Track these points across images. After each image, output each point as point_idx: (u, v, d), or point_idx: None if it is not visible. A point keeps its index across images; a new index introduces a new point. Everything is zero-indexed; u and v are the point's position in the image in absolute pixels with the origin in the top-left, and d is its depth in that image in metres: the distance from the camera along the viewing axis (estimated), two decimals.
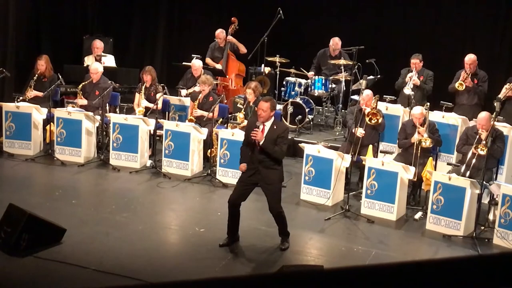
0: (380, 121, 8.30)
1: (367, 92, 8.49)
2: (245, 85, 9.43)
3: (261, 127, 6.45)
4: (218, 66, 11.00)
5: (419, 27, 11.39)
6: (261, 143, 6.38)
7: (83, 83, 9.64)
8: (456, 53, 9.83)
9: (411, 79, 9.39)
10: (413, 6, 11.48)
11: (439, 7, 11.36)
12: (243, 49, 11.13)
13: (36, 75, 9.78)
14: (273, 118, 6.56)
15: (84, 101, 9.59)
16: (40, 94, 9.71)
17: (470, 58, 9.15)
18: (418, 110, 8.12)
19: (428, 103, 8.30)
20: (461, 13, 11.21)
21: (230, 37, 11.09)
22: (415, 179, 7.90)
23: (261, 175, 6.46)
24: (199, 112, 9.23)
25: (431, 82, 9.56)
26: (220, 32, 11.14)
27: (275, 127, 6.49)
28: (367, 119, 8.26)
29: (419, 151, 7.92)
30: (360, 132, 8.24)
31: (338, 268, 1.41)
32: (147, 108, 9.41)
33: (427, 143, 7.87)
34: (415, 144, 7.93)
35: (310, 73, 10.85)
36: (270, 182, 6.45)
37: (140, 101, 9.58)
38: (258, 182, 6.52)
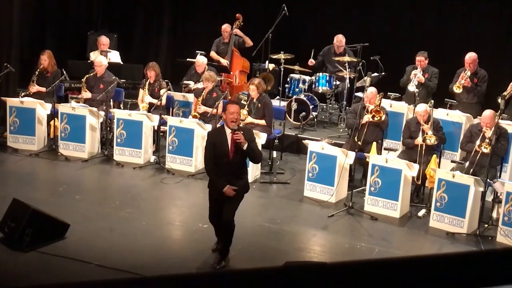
0: (383, 118, 8.29)
1: (371, 90, 8.48)
2: (249, 81, 9.42)
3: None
4: (223, 61, 10.99)
5: (424, 24, 11.36)
6: (245, 146, 5.85)
7: (87, 76, 9.66)
8: (461, 50, 9.77)
9: (416, 76, 9.36)
10: (417, 2, 11.44)
11: (444, 4, 11.32)
12: (249, 41, 11.12)
13: (39, 70, 9.79)
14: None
15: (88, 94, 9.61)
16: (43, 89, 9.73)
17: (470, 56, 9.10)
18: (422, 107, 8.10)
19: (432, 101, 8.28)
20: (466, 10, 11.17)
21: (236, 30, 11.10)
22: (419, 182, 7.90)
23: (235, 185, 5.94)
24: (203, 108, 9.22)
25: (436, 79, 9.53)
26: (226, 26, 11.14)
27: (241, 132, 5.91)
28: (370, 115, 8.25)
29: (423, 148, 7.92)
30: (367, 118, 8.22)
31: (341, 263, 1.41)
32: (151, 104, 9.41)
33: (431, 140, 7.86)
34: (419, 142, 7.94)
35: (311, 60, 10.77)
36: (238, 192, 5.98)
37: (144, 97, 9.59)
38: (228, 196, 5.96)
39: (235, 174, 5.98)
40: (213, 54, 11.09)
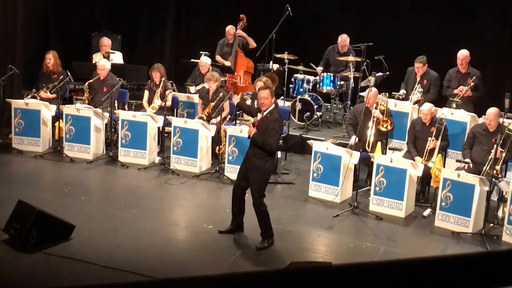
0: (390, 127, 8.32)
1: (372, 91, 8.44)
2: (257, 78, 9.26)
3: (259, 116, 6.60)
4: (227, 63, 11.00)
5: (428, 23, 11.34)
6: (251, 135, 6.47)
7: (89, 81, 9.63)
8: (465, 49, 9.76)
9: (413, 100, 9.24)
10: (421, 2, 11.42)
11: (448, 3, 11.29)
12: (252, 43, 11.13)
13: (46, 73, 9.84)
14: (273, 105, 6.55)
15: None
16: (53, 96, 9.74)
17: (462, 53, 9.15)
18: (427, 106, 8.10)
19: (444, 113, 8.25)
20: (469, 9, 11.14)
21: (239, 31, 11.10)
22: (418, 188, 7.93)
23: (249, 161, 6.53)
24: (213, 121, 9.09)
25: (435, 87, 9.40)
26: (230, 28, 11.16)
27: (268, 115, 6.49)
28: (380, 126, 8.28)
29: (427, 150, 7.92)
30: (353, 139, 8.21)
31: (347, 265, 1.41)
32: (160, 107, 9.38)
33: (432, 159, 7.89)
34: (426, 145, 7.95)
35: (319, 68, 10.82)
36: (254, 169, 6.46)
37: (155, 100, 9.49)
38: (246, 169, 6.54)
39: (253, 150, 6.51)
40: (218, 58, 11.09)
